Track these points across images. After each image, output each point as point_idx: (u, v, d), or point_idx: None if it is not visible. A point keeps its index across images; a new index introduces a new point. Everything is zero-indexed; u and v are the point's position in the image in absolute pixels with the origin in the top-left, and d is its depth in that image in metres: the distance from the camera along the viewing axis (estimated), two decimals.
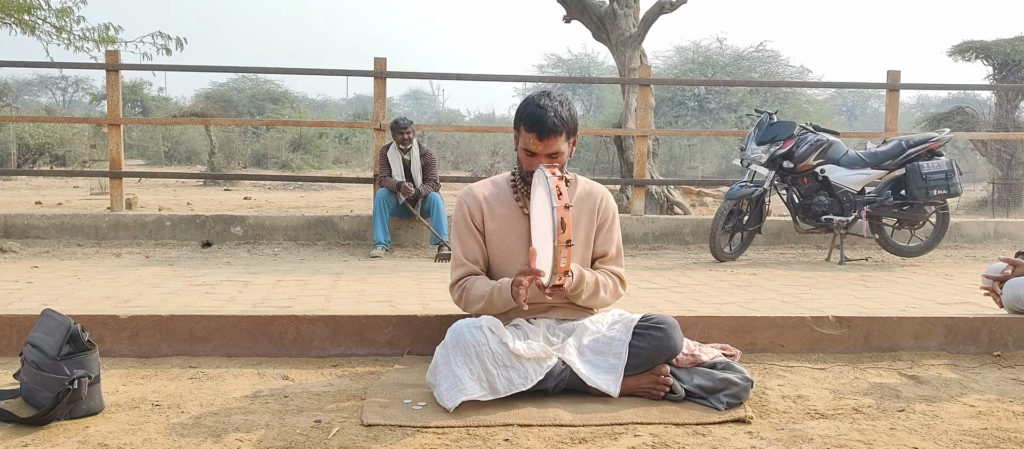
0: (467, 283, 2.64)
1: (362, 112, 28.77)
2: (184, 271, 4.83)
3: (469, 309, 2.65)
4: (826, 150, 5.79)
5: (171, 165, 22.63)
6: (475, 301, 2.60)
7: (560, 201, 2.26)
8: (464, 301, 2.65)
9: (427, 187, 6.45)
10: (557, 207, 2.25)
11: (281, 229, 6.58)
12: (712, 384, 2.41)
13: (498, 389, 2.34)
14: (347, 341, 3.06)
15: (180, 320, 3.02)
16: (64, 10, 9.35)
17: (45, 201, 10.18)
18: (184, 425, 2.19)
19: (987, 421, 2.32)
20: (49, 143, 17.60)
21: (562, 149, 2.53)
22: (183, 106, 25.37)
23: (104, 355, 2.87)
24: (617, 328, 2.52)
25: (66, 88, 38.83)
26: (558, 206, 2.25)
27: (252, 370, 2.81)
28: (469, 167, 20.58)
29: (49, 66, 7.73)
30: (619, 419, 2.25)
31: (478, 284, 2.61)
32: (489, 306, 2.57)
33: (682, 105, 20.93)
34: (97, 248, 6.02)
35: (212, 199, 11.56)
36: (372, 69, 6.89)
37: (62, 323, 2.31)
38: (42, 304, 3.30)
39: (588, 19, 9.34)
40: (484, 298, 2.57)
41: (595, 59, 30.90)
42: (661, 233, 6.91)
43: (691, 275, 5.04)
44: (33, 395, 2.27)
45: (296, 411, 2.34)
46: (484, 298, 2.57)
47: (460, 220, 2.69)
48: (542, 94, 2.54)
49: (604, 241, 2.71)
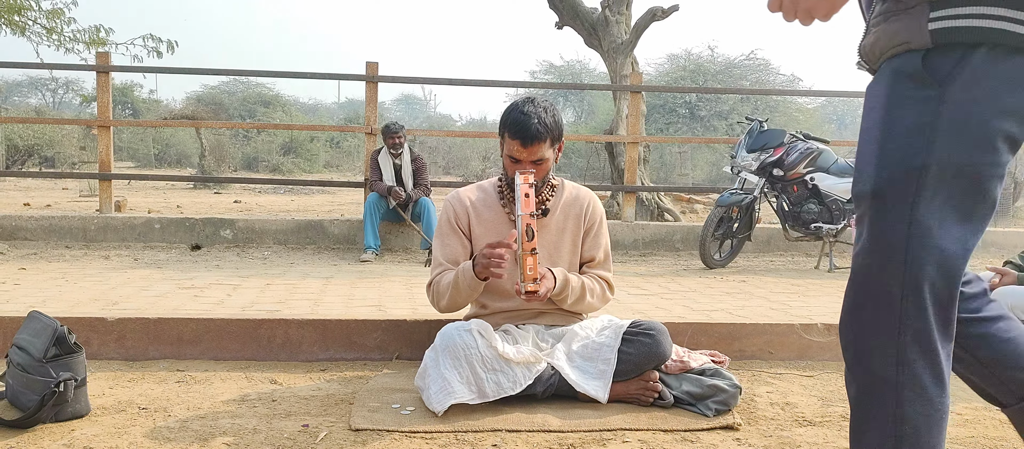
0: (438, 278, 2.63)
1: (353, 116, 28.73)
2: (173, 274, 4.80)
3: (440, 301, 2.61)
4: (816, 158, 5.82)
5: (161, 168, 22.56)
6: (444, 291, 2.57)
7: (526, 209, 2.26)
8: (436, 295, 2.62)
9: (418, 192, 6.45)
10: (522, 215, 2.25)
11: (271, 232, 6.56)
12: (701, 391, 2.42)
13: (487, 393, 2.34)
14: (336, 345, 3.06)
15: (168, 323, 3.00)
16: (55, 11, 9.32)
17: (33, 203, 10.12)
18: (170, 429, 2.18)
19: (974, 429, 2.33)
20: (38, 144, 17.53)
21: (546, 155, 2.53)
22: (174, 108, 25.25)
23: (91, 358, 2.85)
24: (606, 334, 2.52)
25: (56, 89, 38.68)
26: (524, 213, 2.25)
27: (240, 374, 2.80)
28: (460, 172, 20.60)
29: (39, 67, 7.70)
30: (608, 425, 2.26)
31: (446, 275, 2.60)
32: (456, 291, 2.54)
33: (673, 112, 21.01)
34: (85, 250, 5.99)
35: (202, 202, 11.52)
36: (364, 73, 6.88)
37: (48, 325, 2.30)
38: (29, 306, 3.28)
39: (580, 25, 9.36)
40: (451, 284, 2.55)
41: (587, 65, 30.96)
42: (651, 240, 6.93)
43: (681, 282, 5.05)
44: (18, 397, 2.25)
45: (284, 415, 2.33)
46: (451, 284, 2.55)
47: (445, 222, 2.68)
48: (526, 100, 2.54)
49: (592, 246, 2.71)
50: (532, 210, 2.26)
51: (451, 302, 2.58)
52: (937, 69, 1.27)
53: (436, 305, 2.65)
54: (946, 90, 1.25)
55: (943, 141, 1.25)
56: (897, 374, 1.30)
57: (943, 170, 1.26)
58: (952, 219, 1.27)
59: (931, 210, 1.27)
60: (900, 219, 1.28)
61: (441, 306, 2.63)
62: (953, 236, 1.28)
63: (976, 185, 1.27)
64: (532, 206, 2.27)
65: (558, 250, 2.65)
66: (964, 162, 1.25)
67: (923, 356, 1.29)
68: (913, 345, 1.29)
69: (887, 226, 1.30)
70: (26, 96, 38.39)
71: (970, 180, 1.26)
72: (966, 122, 1.24)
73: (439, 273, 2.63)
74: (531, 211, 2.26)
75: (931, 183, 1.26)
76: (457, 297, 2.55)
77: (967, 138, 1.25)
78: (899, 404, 1.30)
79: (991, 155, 1.26)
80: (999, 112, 1.24)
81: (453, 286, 2.53)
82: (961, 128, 1.25)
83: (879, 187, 1.31)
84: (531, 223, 2.25)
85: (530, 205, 2.27)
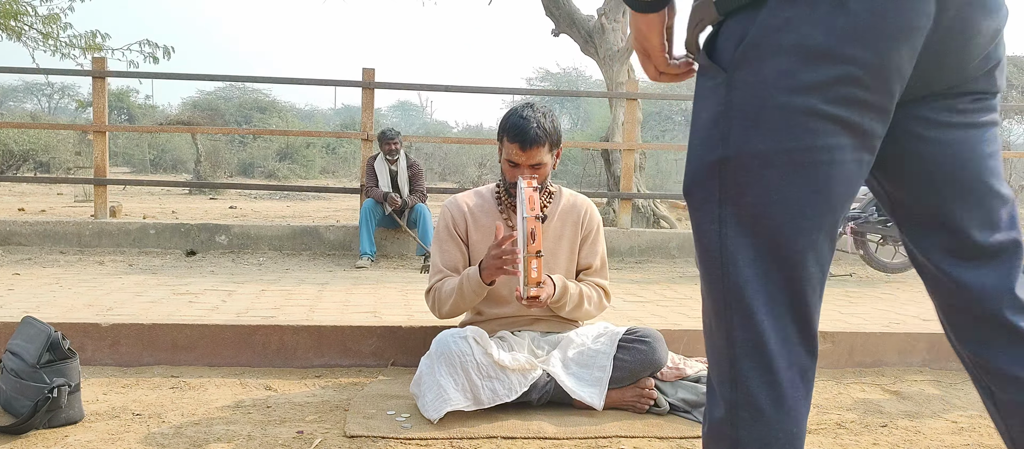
0: (438, 284, 2.63)
1: (350, 122, 28.73)
2: (168, 280, 4.79)
3: (442, 308, 2.60)
4: None
5: (157, 173, 22.51)
6: (446, 296, 2.56)
7: (531, 212, 2.25)
8: (437, 301, 2.61)
9: (414, 198, 6.44)
10: (527, 218, 2.24)
11: (266, 238, 6.55)
12: (696, 398, 2.42)
13: (482, 400, 2.34)
14: (331, 352, 3.05)
15: (162, 329, 2.99)
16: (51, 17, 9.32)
17: (28, 208, 10.09)
18: (164, 435, 2.17)
19: (969, 437, 2.33)
20: (33, 149, 17.49)
21: (545, 160, 2.53)
22: (170, 114, 25.25)
23: (85, 363, 2.84)
24: (602, 341, 2.52)
25: (52, 94, 38.60)
26: (528, 216, 2.24)
27: (235, 380, 2.79)
28: (456, 179, 20.58)
29: (35, 72, 7.69)
30: (603, 432, 2.25)
31: (448, 281, 2.59)
32: (460, 297, 2.53)
33: (669, 120, 21.07)
34: (80, 256, 5.97)
35: (197, 208, 11.49)
36: (360, 79, 6.89)
37: (42, 331, 2.29)
38: (23, 311, 3.27)
39: (577, 33, 9.38)
40: (454, 290, 2.53)
41: (583, 73, 31.09)
42: (647, 247, 6.93)
43: (677, 289, 5.05)
44: (12, 403, 2.24)
45: (278, 422, 2.32)
46: (454, 290, 2.53)
47: (442, 228, 2.68)
48: (525, 106, 2.55)
49: (588, 253, 2.71)
50: (537, 212, 2.26)
51: (453, 308, 2.57)
52: (722, 53, 1.13)
53: (436, 312, 2.64)
54: (733, 75, 1.10)
55: (739, 131, 1.10)
56: (733, 393, 1.13)
57: (747, 162, 1.10)
58: (780, 212, 1.10)
59: (743, 205, 1.11)
60: (709, 219, 1.14)
61: (442, 312, 2.62)
62: (786, 232, 1.10)
63: (797, 172, 1.08)
64: (537, 209, 2.27)
65: (555, 257, 2.65)
66: (769, 150, 1.08)
67: (757, 372, 1.11)
68: (744, 360, 1.12)
69: (700, 228, 1.16)
70: (22, 101, 38.33)
71: (786, 168, 1.08)
72: (759, 107, 1.08)
73: (439, 279, 2.62)
74: (536, 214, 2.25)
75: (736, 177, 1.11)
76: (460, 303, 2.55)
77: (765, 124, 1.08)
78: (734, 426, 1.12)
79: (803, 138, 1.07)
80: (796, 90, 1.06)
81: (457, 292, 2.53)
82: (755, 114, 1.09)
83: (687, 186, 1.18)
84: (536, 226, 2.24)
85: (535, 207, 2.26)
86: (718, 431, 1.15)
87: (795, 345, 1.12)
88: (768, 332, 1.11)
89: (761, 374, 1.11)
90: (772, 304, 1.11)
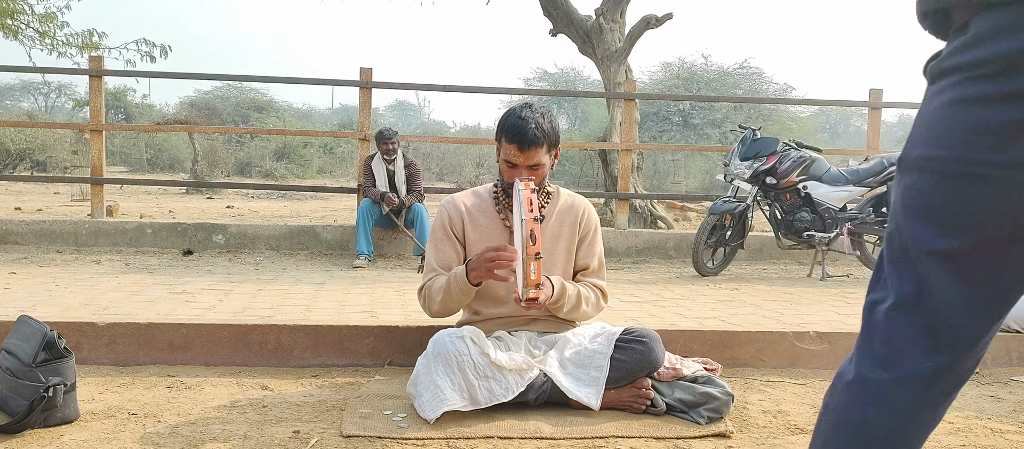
0: (429, 282, 2.62)
1: (347, 122, 28.74)
2: (164, 279, 4.78)
3: (432, 306, 2.60)
4: (809, 167, 5.84)
5: (154, 172, 22.47)
6: (435, 295, 2.56)
7: (530, 213, 2.25)
8: (427, 299, 2.61)
9: (411, 198, 6.44)
10: (526, 219, 2.24)
11: (263, 238, 6.54)
12: (693, 398, 2.41)
13: (479, 400, 2.33)
14: (328, 351, 3.04)
15: (159, 328, 2.99)
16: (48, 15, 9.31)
17: (24, 207, 10.07)
18: (160, 434, 2.17)
19: (965, 438, 2.34)
20: (30, 148, 17.47)
21: (543, 161, 2.52)
22: (167, 113, 25.18)
23: (81, 363, 2.83)
24: (599, 341, 2.52)
25: (48, 93, 38.60)
26: (527, 218, 2.24)
27: (231, 379, 2.78)
28: (454, 179, 20.59)
29: (32, 71, 7.68)
30: (600, 432, 2.25)
31: (438, 280, 2.59)
32: (448, 296, 2.52)
33: (667, 120, 21.06)
34: (76, 255, 5.96)
35: (194, 207, 11.48)
36: (358, 79, 6.88)
37: (38, 330, 2.28)
38: (19, 310, 3.26)
39: (574, 33, 9.38)
40: (442, 288, 2.53)
41: (581, 73, 31.04)
42: (644, 247, 6.93)
43: (674, 289, 5.05)
44: (7, 402, 2.23)
45: (275, 421, 2.32)
46: (442, 288, 2.53)
47: (439, 228, 2.68)
48: (524, 106, 2.54)
49: (586, 254, 2.71)
50: (536, 214, 2.25)
51: (442, 307, 2.57)
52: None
53: (427, 309, 2.64)
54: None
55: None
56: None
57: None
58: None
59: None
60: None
61: (432, 311, 2.62)
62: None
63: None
64: (536, 210, 2.26)
65: (552, 257, 2.64)
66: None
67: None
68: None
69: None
70: (18, 100, 38.29)
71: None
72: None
73: (431, 278, 2.62)
74: (535, 215, 2.25)
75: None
76: (448, 302, 2.55)
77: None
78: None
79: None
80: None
81: (445, 291, 2.53)
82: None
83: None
84: (535, 228, 2.24)
85: (534, 209, 2.25)
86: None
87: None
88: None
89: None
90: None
